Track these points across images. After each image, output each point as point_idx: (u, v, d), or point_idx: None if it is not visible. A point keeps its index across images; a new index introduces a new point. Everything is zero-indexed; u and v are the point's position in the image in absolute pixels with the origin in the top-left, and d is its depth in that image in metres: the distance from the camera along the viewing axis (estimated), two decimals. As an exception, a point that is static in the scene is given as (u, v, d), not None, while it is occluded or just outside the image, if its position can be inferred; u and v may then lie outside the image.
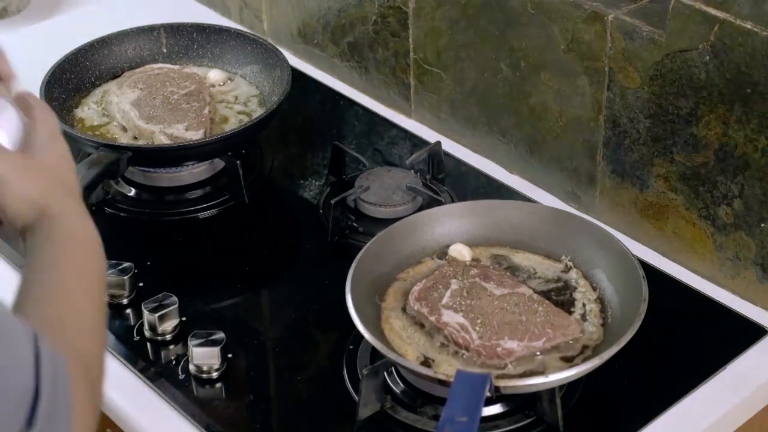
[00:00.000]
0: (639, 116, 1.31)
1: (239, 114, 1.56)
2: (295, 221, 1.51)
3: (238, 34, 1.64)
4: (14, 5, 1.91)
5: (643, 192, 1.36)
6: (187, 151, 1.46)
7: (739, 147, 1.23)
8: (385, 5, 1.59)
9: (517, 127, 1.47)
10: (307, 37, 1.75)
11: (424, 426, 1.15)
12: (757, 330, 1.27)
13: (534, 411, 1.16)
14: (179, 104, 1.52)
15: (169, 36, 1.65)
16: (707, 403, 1.19)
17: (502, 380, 1.11)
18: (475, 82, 1.51)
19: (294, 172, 1.57)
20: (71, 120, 1.53)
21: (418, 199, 1.45)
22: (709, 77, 1.22)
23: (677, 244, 1.35)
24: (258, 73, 1.61)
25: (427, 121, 1.61)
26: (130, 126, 1.50)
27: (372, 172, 1.49)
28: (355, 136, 1.62)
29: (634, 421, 1.17)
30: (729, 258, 1.30)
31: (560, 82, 1.39)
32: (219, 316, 1.33)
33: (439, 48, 1.53)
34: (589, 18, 1.32)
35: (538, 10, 1.37)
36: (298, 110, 1.65)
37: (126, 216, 1.48)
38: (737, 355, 1.24)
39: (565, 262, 1.28)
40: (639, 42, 1.27)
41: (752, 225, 1.26)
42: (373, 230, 1.34)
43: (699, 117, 1.25)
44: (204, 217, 1.48)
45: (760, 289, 1.29)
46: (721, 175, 1.26)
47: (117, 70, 1.62)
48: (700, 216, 1.31)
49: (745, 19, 1.16)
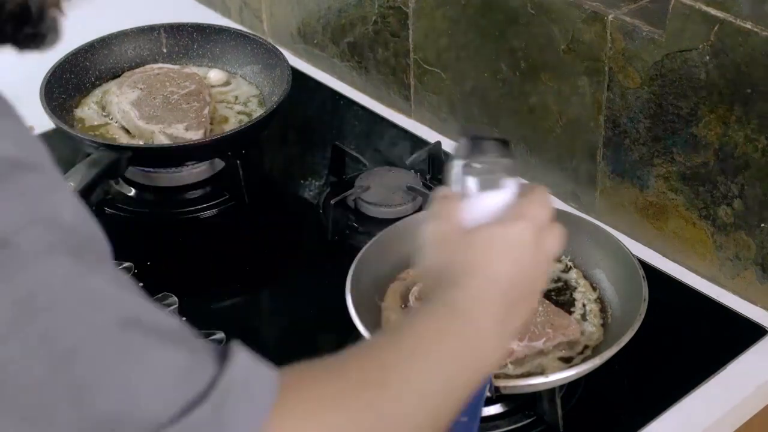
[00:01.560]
0: (639, 116, 1.31)
1: (239, 114, 1.56)
2: (295, 221, 1.51)
3: (238, 34, 1.64)
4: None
5: (643, 192, 1.36)
6: (187, 151, 1.46)
7: (739, 147, 1.23)
8: (385, 5, 1.59)
9: (517, 127, 1.47)
10: (307, 37, 1.75)
11: (424, 426, 1.15)
12: (757, 330, 1.27)
13: (534, 411, 1.16)
14: (179, 104, 1.52)
15: (169, 36, 1.65)
16: (707, 403, 1.19)
17: (502, 380, 1.11)
18: (475, 82, 1.51)
19: (294, 172, 1.57)
20: (71, 120, 1.53)
21: (418, 199, 1.45)
22: (709, 77, 1.22)
23: (677, 244, 1.35)
24: (258, 73, 1.61)
25: (427, 121, 1.61)
26: (130, 126, 1.50)
27: (372, 172, 1.49)
28: (355, 136, 1.62)
29: (634, 421, 1.17)
30: (729, 258, 1.30)
31: (560, 82, 1.39)
32: (219, 316, 1.33)
33: (439, 48, 1.53)
34: (589, 18, 1.32)
35: (538, 10, 1.37)
36: (298, 110, 1.65)
37: (126, 216, 1.48)
38: (737, 355, 1.24)
39: (565, 262, 1.28)
40: (639, 42, 1.27)
41: (752, 225, 1.26)
42: (373, 230, 1.34)
43: (699, 117, 1.25)
44: (204, 217, 1.48)
45: (760, 289, 1.29)
46: (721, 175, 1.26)
47: (117, 70, 1.62)
48: (700, 216, 1.31)
49: (745, 19, 1.16)
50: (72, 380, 0.63)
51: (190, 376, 0.66)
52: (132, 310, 0.66)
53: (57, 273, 0.63)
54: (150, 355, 0.65)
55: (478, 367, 0.82)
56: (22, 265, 0.62)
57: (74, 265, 0.64)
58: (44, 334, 0.62)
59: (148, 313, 0.67)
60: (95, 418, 0.63)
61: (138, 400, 0.64)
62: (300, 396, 0.70)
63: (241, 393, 0.67)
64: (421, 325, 0.80)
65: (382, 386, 0.74)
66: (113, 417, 0.63)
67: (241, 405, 0.67)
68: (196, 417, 0.65)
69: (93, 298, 0.64)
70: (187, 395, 0.65)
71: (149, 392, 0.65)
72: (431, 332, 0.79)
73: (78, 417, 0.63)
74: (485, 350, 0.82)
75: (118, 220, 1.47)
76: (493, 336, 0.82)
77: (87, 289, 0.64)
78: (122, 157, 1.40)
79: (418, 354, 0.77)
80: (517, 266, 0.84)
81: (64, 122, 1.47)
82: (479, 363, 0.82)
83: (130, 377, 0.64)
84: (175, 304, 1.26)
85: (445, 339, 0.79)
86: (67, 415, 0.63)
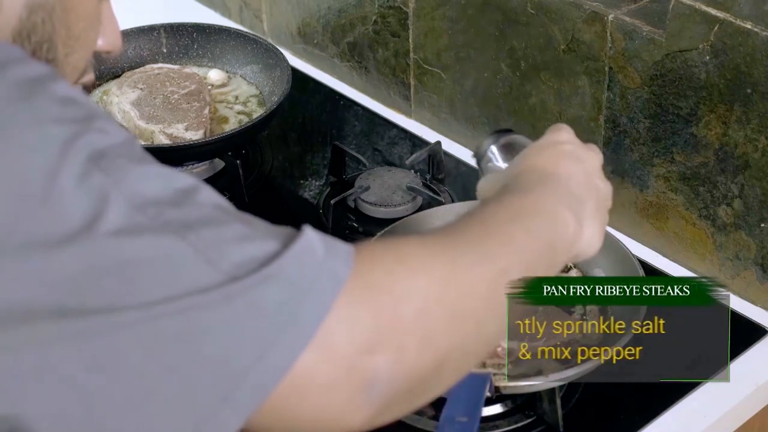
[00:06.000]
0: (639, 116, 1.31)
1: (239, 114, 1.56)
2: (295, 221, 1.50)
3: (238, 34, 1.64)
4: (14, 5, 1.91)
5: (643, 192, 1.36)
6: (187, 151, 1.46)
7: (739, 147, 1.23)
8: (385, 5, 1.59)
9: (517, 127, 1.47)
10: (307, 37, 1.75)
11: (424, 426, 1.15)
12: (757, 330, 1.27)
13: (534, 411, 1.16)
14: (179, 104, 1.52)
15: (169, 36, 1.65)
16: (707, 403, 1.19)
17: (502, 380, 1.11)
18: (475, 82, 1.51)
19: (294, 172, 1.57)
20: (71, 120, 1.53)
21: (418, 199, 1.45)
22: (709, 77, 1.22)
23: (677, 244, 1.35)
24: (258, 73, 1.61)
25: (427, 121, 1.61)
26: (130, 126, 1.50)
27: (372, 172, 1.49)
28: (355, 136, 1.62)
29: (634, 421, 1.17)
30: (729, 258, 1.30)
31: (560, 82, 1.39)
32: (219, 316, 1.32)
33: (439, 48, 1.53)
34: (589, 18, 1.32)
35: (538, 10, 1.37)
36: (298, 110, 1.65)
37: (126, 216, 1.48)
38: (737, 355, 1.24)
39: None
40: (639, 42, 1.27)
41: (752, 225, 1.26)
42: (373, 230, 1.34)
43: (699, 117, 1.25)
44: (204, 217, 1.48)
45: (760, 289, 1.29)
46: (721, 175, 1.26)
47: (117, 70, 1.62)
48: (700, 216, 1.31)
49: (745, 19, 1.16)
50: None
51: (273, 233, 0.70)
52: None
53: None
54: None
55: (560, 246, 0.84)
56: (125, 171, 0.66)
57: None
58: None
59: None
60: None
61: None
62: (387, 257, 0.72)
63: (323, 246, 0.69)
64: (498, 205, 0.83)
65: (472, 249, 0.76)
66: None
67: (328, 256, 0.69)
68: (283, 260, 0.67)
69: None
70: (271, 247, 0.68)
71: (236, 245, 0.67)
72: (511, 209, 0.82)
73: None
74: (564, 231, 0.85)
75: (118, 220, 1.47)
76: (570, 220, 0.85)
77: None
78: (122, 157, 1.40)
79: (509, 224, 0.80)
80: (575, 167, 0.90)
81: (64, 122, 1.47)
82: (560, 242, 0.84)
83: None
84: (175, 304, 1.26)
85: (526, 216, 0.82)
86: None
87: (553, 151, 0.92)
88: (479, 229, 0.78)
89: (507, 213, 0.82)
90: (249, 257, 0.66)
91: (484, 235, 0.78)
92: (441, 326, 0.71)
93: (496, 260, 0.76)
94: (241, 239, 0.67)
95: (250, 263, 0.66)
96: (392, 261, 0.71)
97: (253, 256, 0.66)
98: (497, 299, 0.76)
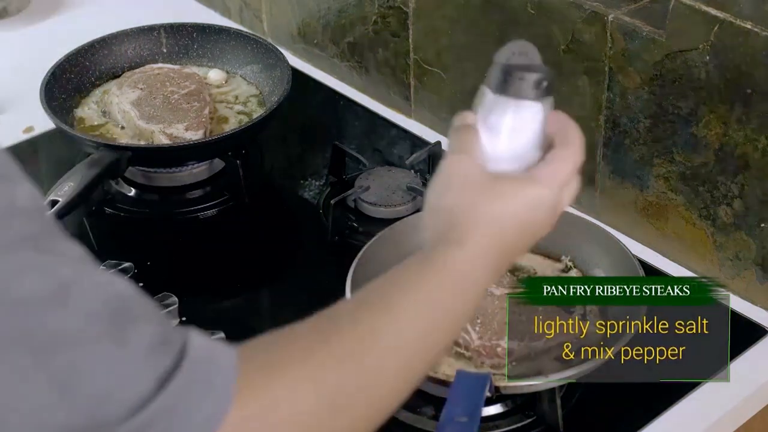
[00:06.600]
0: (639, 116, 1.31)
1: (239, 114, 1.56)
2: (295, 221, 1.51)
3: (238, 34, 1.64)
4: (14, 5, 1.91)
5: (643, 192, 1.36)
6: (187, 151, 1.46)
7: (739, 147, 1.23)
8: (385, 5, 1.59)
9: (517, 127, 1.47)
10: (307, 37, 1.75)
11: (424, 426, 1.15)
12: (757, 330, 1.27)
13: (534, 411, 1.16)
14: (179, 104, 1.52)
15: (169, 36, 1.65)
16: (707, 403, 1.19)
17: (502, 380, 1.11)
18: (475, 83, 1.50)
19: (294, 172, 1.57)
20: (71, 120, 1.53)
21: (418, 199, 1.45)
22: (709, 77, 1.22)
23: (677, 244, 1.35)
24: (258, 73, 1.61)
25: (427, 121, 1.61)
26: (130, 126, 1.50)
27: (372, 172, 1.49)
28: (355, 136, 1.62)
29: (634, 421, 1.17)
30: (729, 258, 1.30)
31: (560, 82, 1.38)
32: (219, 316, 1.33)
33: (439, 48, 1.53)
34: (589, 18, 1.32)
35: (538, 10, 1.37)
36: (298, 110, 1.65)
37: (126, 216, 1.48)
38: (737, 355, 1.24)
39: (565, 262, 1.28)
40: (639, 42, 1.27)
41: (752, 225, 1.26)
42: (373, 230, 1.34)
43: (699, 117, 1.25)
44: (204, 217, 1.48)
45: (760, 289, 1.29)
46: (721, 175, 1.26)
47: (117, 70, 1.62)
48: (700, 216, 1.31)
49: (745, 19, 1.16)
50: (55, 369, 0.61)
51: (164, 347, 0.65)
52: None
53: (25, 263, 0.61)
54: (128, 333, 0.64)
55: (461, 315, 0.80)
56: None
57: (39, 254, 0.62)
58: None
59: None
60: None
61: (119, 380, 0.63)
62: (263, 358, 0.71)
63: (209, 362, 0.66)
64: (406, 276, 0.78)
65: (358, 341, 0.72)
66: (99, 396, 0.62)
67: (212, 371, 0.66)
68: (174, 387, 0.64)
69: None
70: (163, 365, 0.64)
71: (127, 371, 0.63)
72: (415, 284, 0.77)
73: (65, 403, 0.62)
74: (472, 300, 0.80)
75: (118, 220, 1.47)
76: (483, 287, 0.80)
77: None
78: (122, 157, 1.40)
79: (396, 303, 0.75)
80: (525, 227, 0.82)
81: (64, 122, 1.47)
82: (462, 312, 0.79)
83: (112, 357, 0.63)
84: (175, 304, 1.26)
85: (430, 291, 0.77)
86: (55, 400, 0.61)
87: (529, 199, 0.82)
88: (359, 314, 0.75)
89: (399, 287, 0.77)
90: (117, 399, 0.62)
91: (362, 319, 0.74)
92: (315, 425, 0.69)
93: (367, 351, 0.72)
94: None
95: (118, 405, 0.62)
96: (266, 374, 0.70)
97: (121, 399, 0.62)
98: (377, 387, 0.73)
